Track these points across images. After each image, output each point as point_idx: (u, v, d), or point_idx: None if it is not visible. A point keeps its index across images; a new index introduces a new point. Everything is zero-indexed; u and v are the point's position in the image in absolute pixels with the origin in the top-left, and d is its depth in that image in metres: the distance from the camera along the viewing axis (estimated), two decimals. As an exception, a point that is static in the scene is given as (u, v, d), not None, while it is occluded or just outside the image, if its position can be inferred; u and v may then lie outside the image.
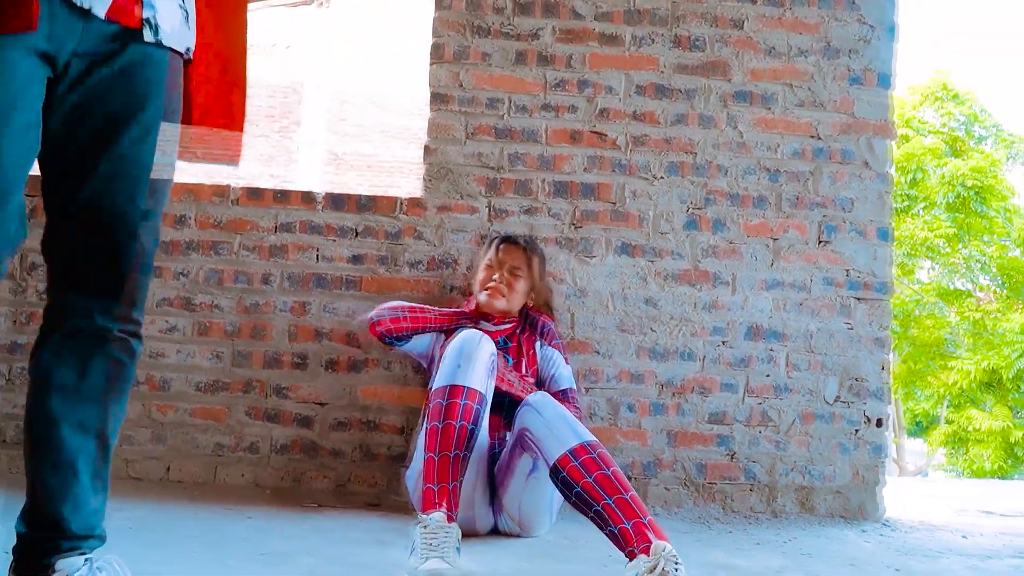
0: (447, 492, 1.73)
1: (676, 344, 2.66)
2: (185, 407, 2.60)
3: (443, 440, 1.79)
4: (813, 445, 2.65)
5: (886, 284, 2.72)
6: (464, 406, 1.84)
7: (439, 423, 1.82)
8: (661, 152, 2.71)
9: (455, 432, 1.80)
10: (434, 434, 1.81)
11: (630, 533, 1.56)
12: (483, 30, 2.72)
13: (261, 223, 2.66)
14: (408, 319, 2.31)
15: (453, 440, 1.79)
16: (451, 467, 1.77)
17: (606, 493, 1.62)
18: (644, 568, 1.47)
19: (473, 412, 1.85)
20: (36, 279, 2.62)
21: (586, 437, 1.74)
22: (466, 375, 1.88)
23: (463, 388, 1.86)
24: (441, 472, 1.76)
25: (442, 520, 1.64)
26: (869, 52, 2.77)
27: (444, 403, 1.85)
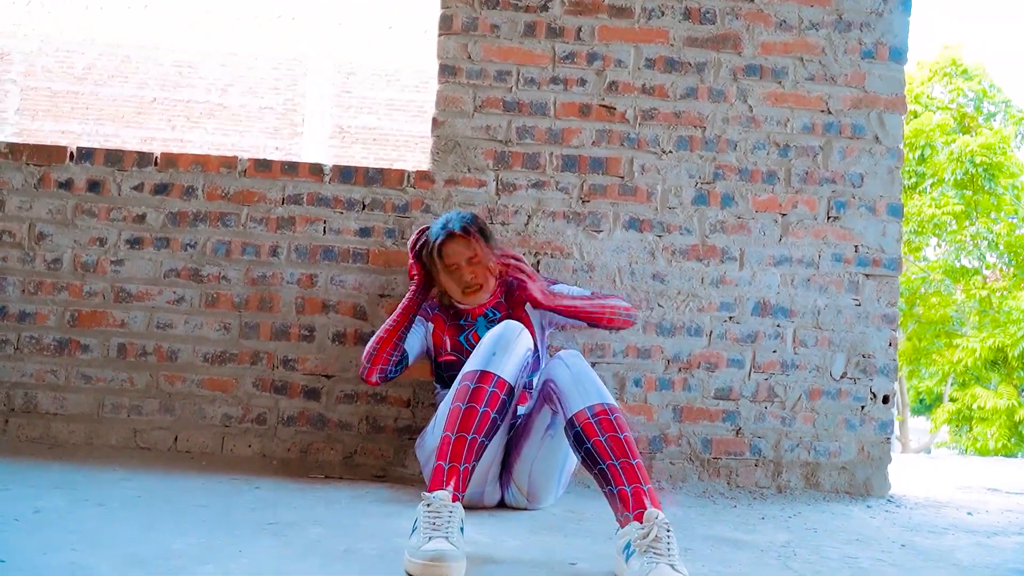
0: (457, 472, 1.70)
1: (683, 319, 2.65)
2: (193, 378, 2.61)
3: (463, 422, 1.76)
4: (819, 421, 2.65)
5: (895, 260, 2.71)
6: (491, 393, 1.80)
7: (463, 404, 1.79)
8: (670, 126, 2.69)
9: (477, 416, 1.77)
10: (456, 415, 1.78)
11: (628, 497, 1.57)
12: (492, 2, 2.69)
13: (269, 195, 2.65)
14: (377, 348, 2.24)
15: (474, 424, 1.76)
16: (466, 449, 1.73)
17: (614, 454, 1.63)
18: (637, 535, 1.47)
19: (500, 401, 1.81)
20: (45, 248, 2.62)
21: (608, 399, 1.75)
22: (500, 364, 1.84)
23: (493, 376, 1.82)
24: (455, 452, 1.73)
25: (446, 499, 1.61)
26: (882, 25, 2.73)
27: (472, 386, 1.81)
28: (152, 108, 12.61)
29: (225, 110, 12.74)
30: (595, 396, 1.74)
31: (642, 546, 1.45)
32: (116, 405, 2.60)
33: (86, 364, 2.61)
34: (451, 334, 2.32)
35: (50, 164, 2.64)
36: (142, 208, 2.64)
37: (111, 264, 2.62)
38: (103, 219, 2.63)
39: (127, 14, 12.60)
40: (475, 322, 2.32)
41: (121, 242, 2.63)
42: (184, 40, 12.57)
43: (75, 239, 2.63)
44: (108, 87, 12.63)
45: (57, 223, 2.63)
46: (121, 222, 2.63)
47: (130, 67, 12.61)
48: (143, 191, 2.64)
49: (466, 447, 1.73)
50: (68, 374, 2.61)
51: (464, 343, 2.30)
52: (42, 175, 2.64)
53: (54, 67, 12.67)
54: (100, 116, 12.60)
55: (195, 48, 12.57)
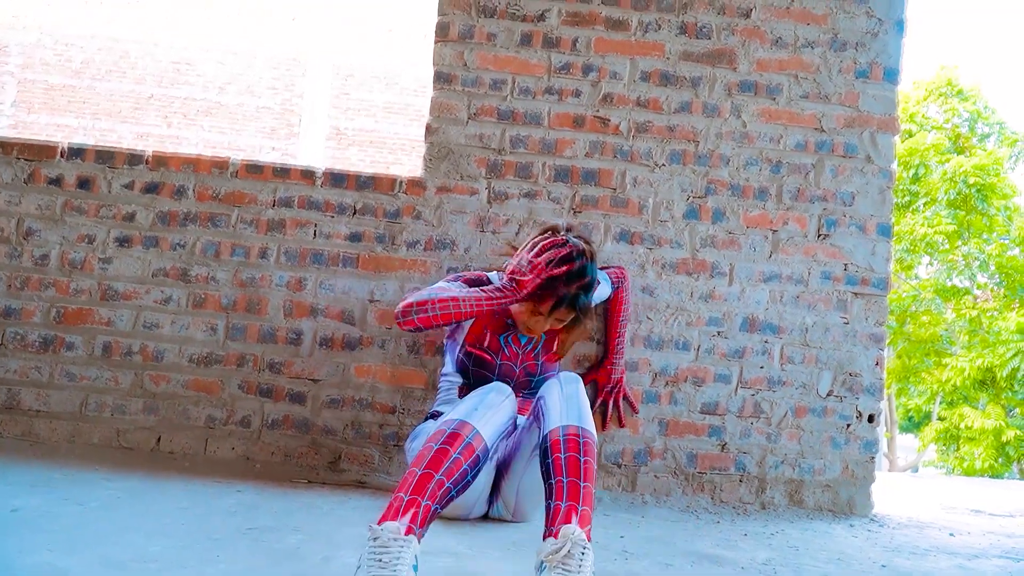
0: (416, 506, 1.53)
1: (671, 333, 2.65)
2: (178, 378, 2.60)
3: (434, 460, 1.63)
4: (804, 439, 2.65)
5: (884, 280, 2.72)
6: (467, 443, 1.70)
7: (436, 444, 1.68)
8: (664, 140, 2.69)
9: (449, 459, 1.65)
10: (427, 452, 1.66)
11: (559, 511, 1.55)
12: (489, 10, 2.70)
13: (260, 197, 2.64)
14: (434, 315, 2.12)
15: (444, 466, 1.63)
16: (431, 487, 1.59)
17: (567, 472, 1.62)
18: (549, 550, 1.43)
19: (474, 456, 1.70)
20: (32, 244, 2.61)
21: (585, 424, 1.73)
22: (481, 420, 1.76)
23: (473, 428, 1.73)
24: (419, 486, 1.57)
25: (396, 531, 1.45)
26: (876, 46, 2.75)
27: (449, 431, 1.71)
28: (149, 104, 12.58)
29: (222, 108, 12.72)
30: (574, 419, 1.73)
31: (552, 561, 1.40)
32: (100, 404, 2.59)
33: (71, 362, 2.59)
34: (493, 329, 2.24)
35: (41, 160, 2.63)
36: (132, 207, 2.63)
37: (99, 262, 2.61)
38: (92, 217, 2.62)
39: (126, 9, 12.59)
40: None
41: (110, 240, 2.62)
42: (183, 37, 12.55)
43: (63, 236, 2.62)
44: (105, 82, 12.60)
45: (46, 219, 2.62)
46: (110, 220, 2.62)
47: (128, 63, 12.59)
48: (133, 190, 2.63)
49: (431, 484, 1.59)
50: (52, 371, 2.59)
51: (503, 344, 2.24)
52: (32, 171, 2.63)
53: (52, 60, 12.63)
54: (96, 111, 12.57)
55: (194, 45, 12.56)
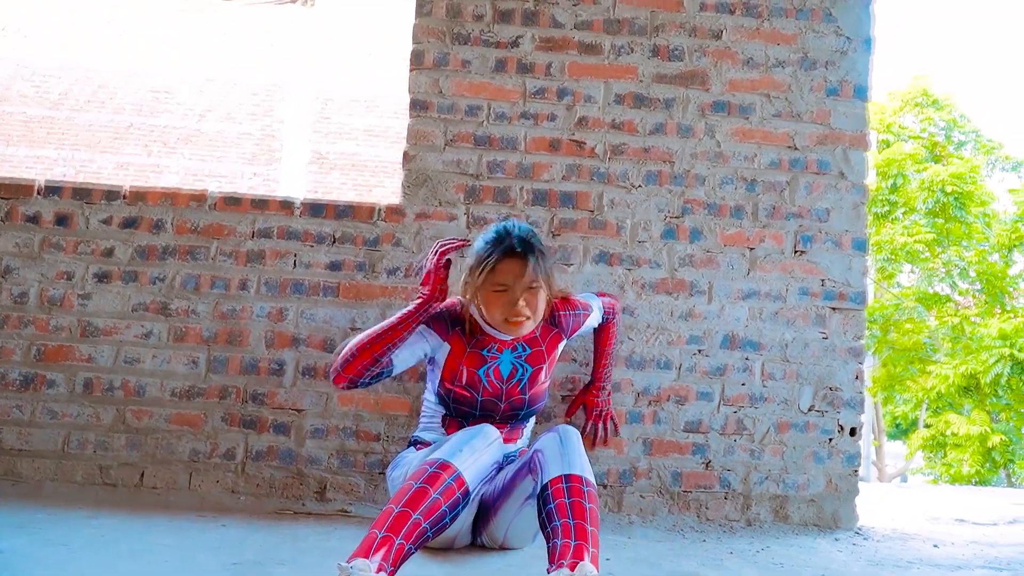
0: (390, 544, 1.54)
1: (653, 353, 2.67)
2: (161, 413, 2.59)
3: (412, 499, 1.64)
4: (788, 454, 2.67)
5: (861, 294, 2.75)
6: (448, 485, 1.70)
7: (416, 483, 1.68)
8: (639, 161, 2.72)
9: (428, 500, 1.65)
10: (406, 491, 1.66)
11: (569, 548, 1.55)
12: (463, 37, 2.72)
13: (239, 228, 2.64)
14: (355, 356, 2.03)
15: (422, 506, 1.64)
16: (407, 527, 1.59)
17: (572, 515, 1.63)
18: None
19: (454, 497, 1.70)
20: (11, 282, 2.60)
21: (587, 474, 1.74)
22: (464, 462, 1.75)
23: (455, 470, 1.72)
24: (395, 524, 1.58)
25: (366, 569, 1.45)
26: (846, 64, 2.79)
27: (430, 471, 1.71)
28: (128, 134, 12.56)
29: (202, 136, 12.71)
30: (576, 468, 1.73)
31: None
32: (82, 441, 2.57)
33: (52, 400, 2.58)
34: (470, 365, 2.10)
35: (18, 198, 2.63)
36: (110, 242, 2.62)
37: (78, 298, 2.60)
38: (70, 253, 2.62)
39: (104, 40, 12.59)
40: (500, 355, 2.13)
41: (89, 276, 2.61)
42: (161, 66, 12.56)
43: (42, 273, 2.61)
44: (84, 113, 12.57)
45: (24, 257, 2.61)
46: (89, 256, 2.62)
47: (106, 93, 12.57)
48: (111, 225, 2.63)
49: (407, 524, 1.59)
50: (33, 410, 2.57)
51: (483, 378, 2.10)
52: (9, 209, 2.62)
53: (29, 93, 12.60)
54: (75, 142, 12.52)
55: (172, 74, 12.56)
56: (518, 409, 2.15)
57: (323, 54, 12.68)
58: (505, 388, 2.14)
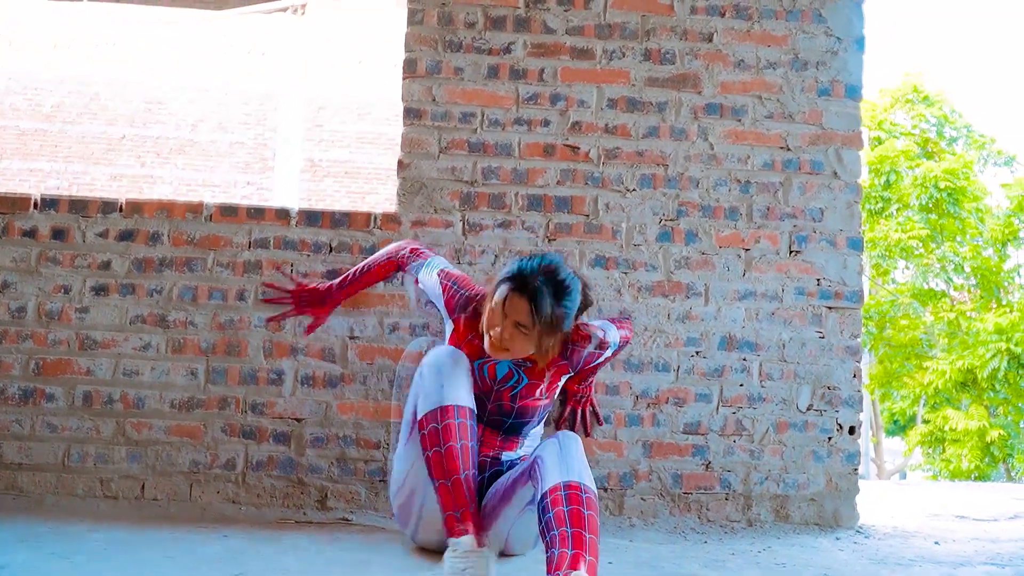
0: (469, 516, 1.73)
1: (651, 355, 2.68)
2: (160, 425, 2.59)
3: (448, 464, 1.76)
4: (787, 453, 2.68)
5: (856, 293, 2.76)
6: (459, 425, 1.79)
7: (440, 448, 1.77)
8: (633, 165, 2.73)
9: (458, 453, 1.77)
10: (437, 461, 1.77)
11: (565, 558, 1.56)
12: (455, 45, 2.73)
13: (235, 239, 2.65)
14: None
15: (459, 461, 1.76)
16: (465, 489, 1.76)
17: (570, 523, 1.63)
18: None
19: (469, 429, 1.81)
20: (8, 297, 2.60)
21: (587, 481, 1.73)
22: (452, 393, 1.82)
23: (453, 407, 1.80)
24: (457, 497, 1.75)
25: (471, 544, 1.65)
26: (837, 64, 2.81)
27: (439, 427, 1.78)
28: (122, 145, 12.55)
29: (195, 146, 12.71)
30: (575, 475, 1.73)
31: None
32: (82, 454, 2.57)
33: (51, 413, 2.57)
34: (469, 352, 2.09)
35: (14, 212, 2.63)
36: (107, 255, 2.63)
37: (76, 312, 2.60)
38: (68, 267, 2.62)
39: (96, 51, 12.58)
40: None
41: (86, 289, 2.61)
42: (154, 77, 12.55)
43: (39, 287, 2.61)
44: (77, 125, 12.56)
45: (21, 271, 2.61)
46: (86, 269, 2.62)
47: (99, 105, 12.56)
48: (108, 238, 2.63)
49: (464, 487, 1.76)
50: (33, 423, 2.57)
51: (476, 370, 2.07)
52: (6, 223, 2.63)
53: (22, 106, 12.58)
54: (69, 155, 12.51)
55: (165, 84, 12.55)
56: (505, 415, 2.06)
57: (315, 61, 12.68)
58: (496, 389, 2.07)
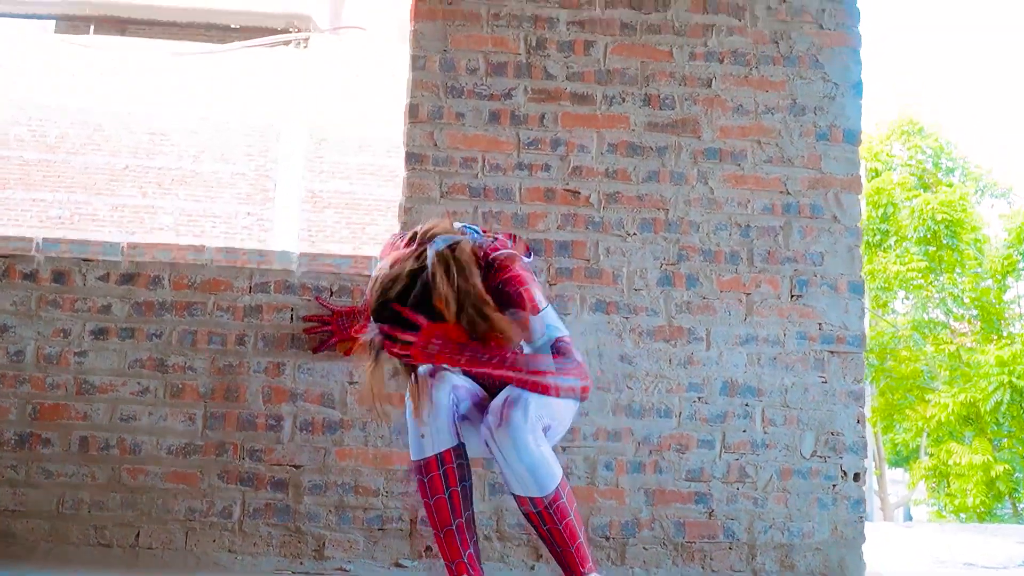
0: (465, 567, 1.78)
1: (652, 401, 2.66)
2: (156, 471, 2.56)
3: (440, 517, 1.80)
4: (791, 501, 2.65)
5: (859, 337, 2.75)
6: (445, 473, 1.80)
7: (430, 500, 1.81)
8: (634, 209, 2.74)
9: (447, 504, 1.79)
10: (430, 512, 1.81)
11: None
12: (457, 90, 2.75)
13: (236, 283, 2.64)
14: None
15: (449, 512, 1.79)
16: (459, 538, 1.79)
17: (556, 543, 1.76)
18: None
19: (456, 471, 1.81)
20: (7, 341, 2.58)
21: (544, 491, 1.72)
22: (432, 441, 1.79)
23: (435, 458, 1.79)
24: (451, 548, 1.79)
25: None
26: (835, 109, 2.82)
27: (425, 480, 1.81)
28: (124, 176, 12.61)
29: (197, 177, 12.77)
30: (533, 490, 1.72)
31: None
32: (77, 501, 2.54)
33: (47, 459, 2.55)
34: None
35: (15, 256, 2.62)
36: (107, 299, 2.62)
37: (75, 356, 2.59)
38: (67, 311, 2.61)
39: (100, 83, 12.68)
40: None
41: (85, 334, 2.60)
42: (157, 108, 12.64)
43: (38, 331, 2.59)
44: (80, 155, 12.63)
45: (21, 315, 2.60)
46: (86, 313, 2.61)
47: (102, 136, 12.64)
48: (109, 281, 2.62)
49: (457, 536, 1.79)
50: (28, 470, 2.54)
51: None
52: (7, 267, 2.62)
53: (26, 136, 12.66)
54: (72, 185, 12.57)
55: (167, 116, 12.64)
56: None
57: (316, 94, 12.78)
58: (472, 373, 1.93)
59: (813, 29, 2.83)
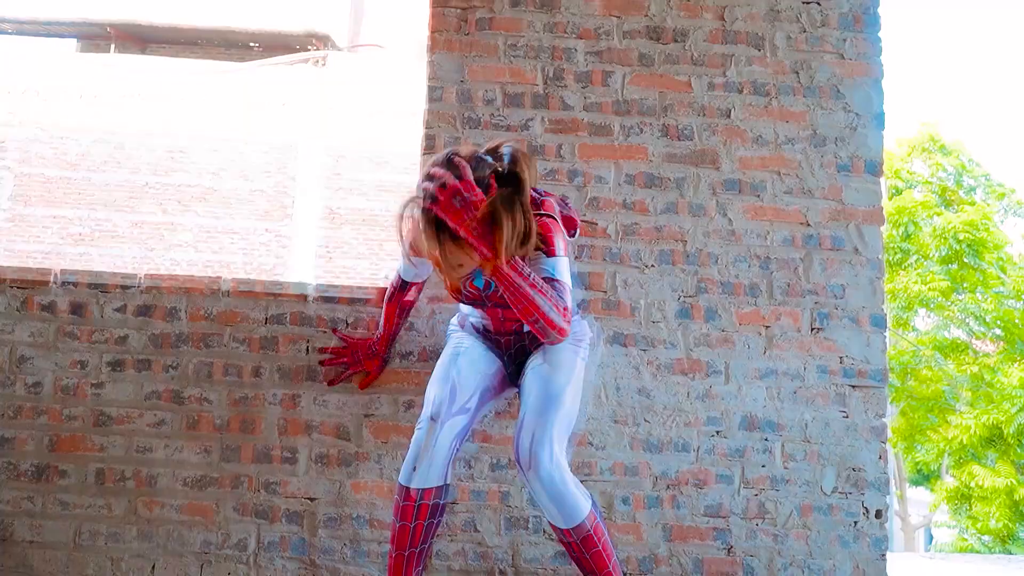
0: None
1: (670, 435, 2.63)
2: (172, 503, 2.56)
3: (399, 540, 2.03)
4: (812, 538, 2.61)
5: (881, 372, 2.70)
6: (419, 507, 2.01)
7: (397, 521, 2.03)
8: (652, 241, 2.71)
9: (409, 532, 2.01)
10: (393, 529, 2.03)
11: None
12: (473, 122, 2.74)
13: (252, 315, 2.64)
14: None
15: (408, 539, 2.01)
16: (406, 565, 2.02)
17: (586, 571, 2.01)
18: None
19: (429, 508, 2.02)
20: (25, 372, 2.60)
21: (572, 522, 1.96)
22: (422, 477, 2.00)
23: (417, 492, 2.01)
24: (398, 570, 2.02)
25: None
26: (856, 140, 2.79)
27: (402, 504, 2.02)
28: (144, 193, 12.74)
29: (216, 194, 12.89)
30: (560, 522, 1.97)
31: None
32: (93, 533, 2.54)
33: (64, 490, 2.55)
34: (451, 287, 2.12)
35: (34, 288, 2.64)
36: (124, 330, 2.62)
37: (92, 387, 2.59)
38: (85, 342, 2.62)
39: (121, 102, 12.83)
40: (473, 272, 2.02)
41: (103, 365, 2.61)
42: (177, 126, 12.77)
43: (56, 363, 2.60)
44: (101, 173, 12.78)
45: (39, 347, 2.61)
46: (103, 345, 2.61)
47: (123, 153, 12.79)
48: (126, 313, 2.63)
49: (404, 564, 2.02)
50: (45, 501, 2.55)
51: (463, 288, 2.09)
52: (25, 298, 2.63)
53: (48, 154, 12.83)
54: (92, 201, 12.72)
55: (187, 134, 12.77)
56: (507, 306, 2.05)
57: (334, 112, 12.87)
58: (485, 295, 2.11)
59: (834, 59, 2.80)
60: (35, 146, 12.77)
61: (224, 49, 14.21)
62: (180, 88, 12.78)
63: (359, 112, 12.83)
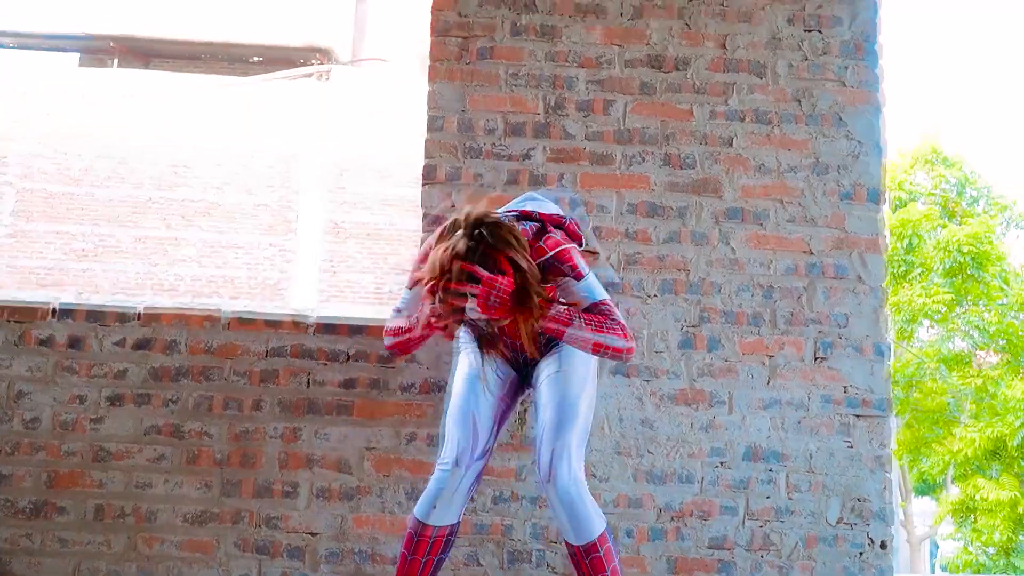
0: None
1: (674, 466, 2.61)
2: (172, 539, 2.53)
3: (408, 570, 2.03)
4: (817, 570, 2.58)
5: (885, 401, 2.68)
6: (433, 543, 2.03)
7: (408, 554, 2.04)
8: (654, 270, 2.70)
9: (419, 567, 2.03)
10: (403, 561, 2.04)
11: None
12: (475, 151, 2.73)
13: (252, 348, 2.63)
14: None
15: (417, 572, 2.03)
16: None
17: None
18: None
19: (441, 543, 2.05)
20: (23, 407, 2.58)
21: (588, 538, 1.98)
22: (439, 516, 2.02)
23: (432, 528, 2.02)
24: None
25: None
26: (858, 168, 2.78)
27: (416, 538, 2.04)
28: (147, 208, 12.74)
29: (220, 208, 12.88)
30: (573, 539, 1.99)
31: None
32: (92, 570, 2.52)
33: (62, 527, 2.53)
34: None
35: (31, 321, 2.62)
36: (123, 364, 2.61)
37: (90, 422, 2.58)
38: (83, 376, 2.60)
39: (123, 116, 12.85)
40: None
41: (101, 399, 2.59)
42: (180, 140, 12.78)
43: (54, 397, 2.59)
44: (104, 188, 12.78)
45: (37, 381, 2.60)
46: (102, 379, 2.60)
47: (126, 168, 12.79)
48: (124, 347, 2.62)
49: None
50: (43, 538, 2.53)
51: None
52: (23, 332, 2.62)
53: (50, 169, 12.84)
54: (95, 217, 12.71)
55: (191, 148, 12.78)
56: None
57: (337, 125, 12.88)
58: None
59: (836, 87, 2.79)
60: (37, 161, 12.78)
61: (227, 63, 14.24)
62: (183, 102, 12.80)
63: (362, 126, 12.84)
